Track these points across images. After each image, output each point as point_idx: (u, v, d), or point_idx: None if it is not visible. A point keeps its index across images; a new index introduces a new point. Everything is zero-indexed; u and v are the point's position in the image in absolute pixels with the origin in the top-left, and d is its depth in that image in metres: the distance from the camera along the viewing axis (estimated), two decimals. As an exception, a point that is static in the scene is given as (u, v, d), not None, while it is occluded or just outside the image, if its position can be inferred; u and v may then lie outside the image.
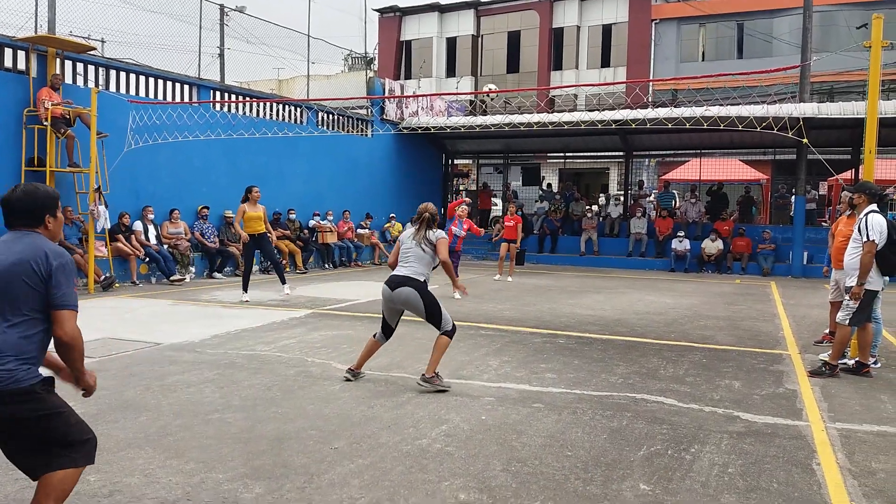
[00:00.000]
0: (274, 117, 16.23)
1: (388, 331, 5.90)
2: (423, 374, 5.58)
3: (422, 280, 5.62)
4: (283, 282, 11.11)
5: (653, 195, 22.93)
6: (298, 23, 20.33)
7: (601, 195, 28.18)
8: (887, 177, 17.74)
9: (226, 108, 14.97)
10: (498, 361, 6.69)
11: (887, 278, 6.48)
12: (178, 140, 12.76)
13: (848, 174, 18.66)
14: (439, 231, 5.80)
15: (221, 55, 21.85)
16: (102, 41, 18.32)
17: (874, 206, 6.40)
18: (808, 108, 15.60)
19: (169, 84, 13.83)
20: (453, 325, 5.69)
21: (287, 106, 16.74)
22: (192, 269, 13.34)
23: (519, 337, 8.01)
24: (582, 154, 26.24)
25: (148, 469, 3.84)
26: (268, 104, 16.19)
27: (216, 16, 19.98)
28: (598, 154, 26.38)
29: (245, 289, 10.52)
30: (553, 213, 20.56)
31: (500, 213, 22.58)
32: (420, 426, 4.67)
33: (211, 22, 17.99)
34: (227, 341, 7.39)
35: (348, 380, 5.77)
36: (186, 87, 14.17)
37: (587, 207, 20.65)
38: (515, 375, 6.15)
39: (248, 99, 15.71)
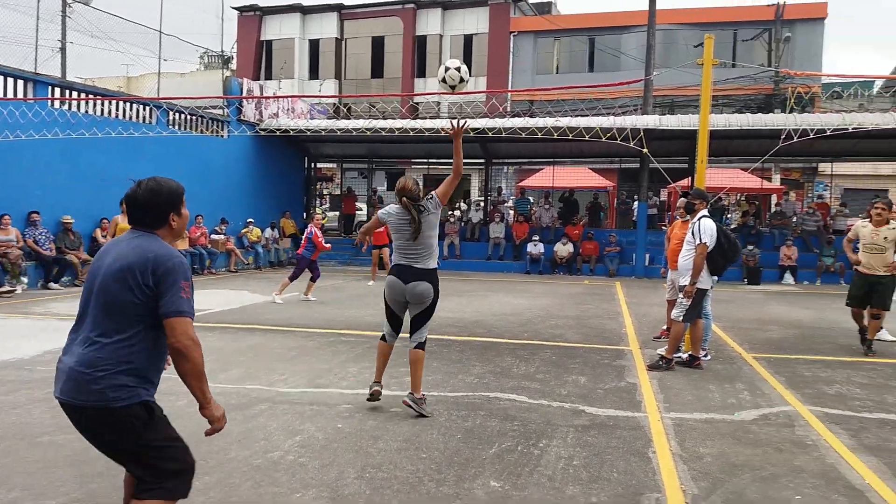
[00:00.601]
0: (120, 116, 15.23)
1: (397, 325, 5.33)
2: (412, 393, 5.14)
3: (435, 270, 5.18)
4: None
5: (510, 201, 23.75)
6: (151, 18, 19.22)
7: (462, 202, 28.81)
8: (717, 184, 19.40)
9: (66, 106, 13.87)
10: (358, 368, 6.65)
11: (716, 278, 7.09)
12: (10, 139, 11.68)
13: (685, 182, 20.24)
14: (431, 196, 5.13)
15: (63, 49, 20.26)
16: (-82, 28, 16.45)
17: (705, 212, 6.98)
18: (650, 120, 16.78)
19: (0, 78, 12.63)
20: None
21: (135, 104, 15.77)
22: (25, 279, 12.22)
23: (379, 342, 7.99)
24: (445, 160, 26.71)
25: (-39, 502, 3.48)
26: (114, 102, 15.17)
27: (57, 7, 18.49)
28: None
29: None
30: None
31: (366, 219, 22.51)
32: (272, 438, 4.54)
33: (51, 13, 16.67)
34: (63, 357, 6.83)
35: (374, 398, 5.27)
36: (21, 83, 12.98)
37: (450, 213, 21.01)
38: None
39: (91, 96, 14.63)
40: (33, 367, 6.41)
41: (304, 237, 11.89)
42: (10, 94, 12.70)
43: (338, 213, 24.80)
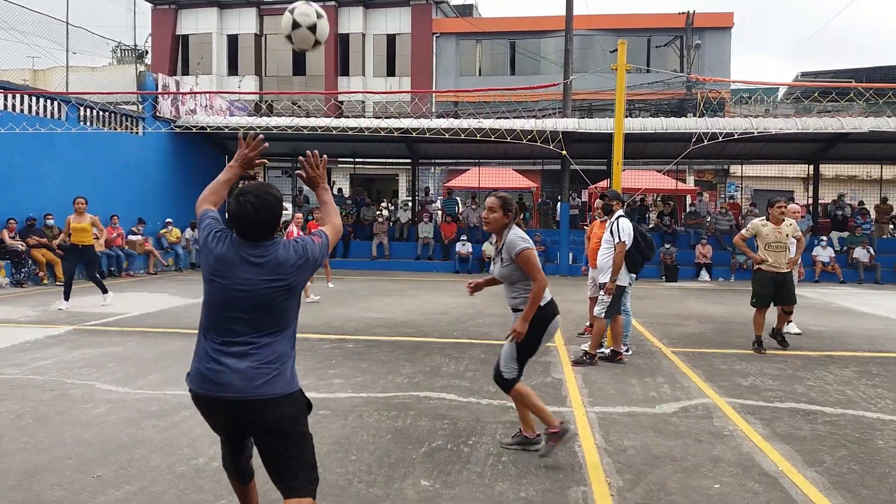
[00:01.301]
0: (26, 111, 14.43)
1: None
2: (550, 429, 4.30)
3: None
4: (104, 290, 10.86)
5: (438, 201, 23.83)
6: (56, 8, 18.28)
7: (386, 202, 28.67)
8: (634, 186, 20.03)
9: (-37, 99, 13.04)
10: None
11: (634, 275, 7.31)
12: None
13: (605, 183, 20.81)
14: (515, 234, 4.30)
15: (-41, 38, 19.00)
16: None
17: (622, 211, 7.20)
18: (569, 123, 17.14)
19: None
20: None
21: (42, 99, 14.96)
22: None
23: (307, 344, 7.90)
24: (372, 160, 26.56)
25: None
26: (18, 96, 14.35)
27: (-49, -8, 17.36)
28: (388, 161, 26.87)
29: (66, 297, 10.39)
30: (344, 217, 20.57)
31: (289, 218, 22.09)
32: (197, 445, 4.40)
33: (-58, -1, 15.60)
34: (-35, 366, 6.43)
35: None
36: None
37: (378, 212, 20.92)
38: (302, 384, 5.98)
39: (-7, 90, 13.79)
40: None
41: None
42: None
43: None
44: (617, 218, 7.08)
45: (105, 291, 10.82)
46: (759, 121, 16.74)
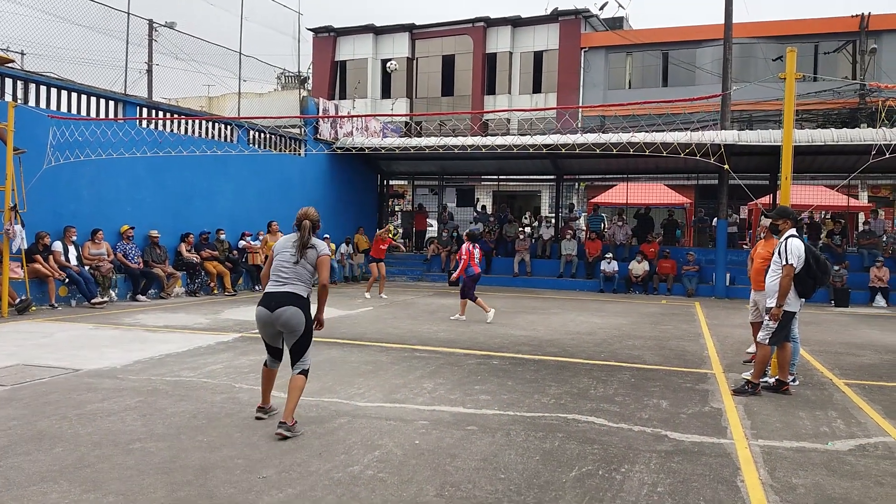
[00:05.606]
0: (203, 135, 15.86)
1: (277, 354, 5.28)
2: (284, 422, 4.86)
3: (305, 297, 5.12)
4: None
5: (582, 218, 23.44)
6: (230, 40, 20.00)
7: (528, 217, 28.60)
8: (802, 202, 18.66)
9: (153, 126, 14.55)
10: (432, 384, 6.65)
11: (804, 300, 6.77)
12: (102, 157, 12.31)
13: (766, 199, 19.54)
14: (322, 244, 5.30)
15: (149, 71, 21.28)
16: (22, 53, 17.61)
17: (793, 231, 6.68)
18: (729, 136, 16.29)
19: (93, 99, 13.33)
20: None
21: (217, 124, 16.39)
22: (115, 291, 12.82)
23: (454, 359, 8.01)
24: (515, 177, 26.68)
25: (62, 504, 3.63)
26: (197, 122, 15.81)
27: (145, 31, 19.47)
28: (531, 177, 26.86)
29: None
30: (487, 234, 20.77)
31: (437, 235, 22.65)
32: (352, 452, 4.58)
33: (139, 37, 17.52)
34: (151, 367, 7.11)
35: (260, 418, 5.24)
36: (112, 103, 13.70)
37: (520, 229, 20.94)
38: (450, 398, 6.12)
39: (176, 116, 15.29)
40: (125, 375, 6.67)
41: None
42: (102, 115, 13.41)
43: (401, 230, 25.26)
44: (786, 238, 6.60)
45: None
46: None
